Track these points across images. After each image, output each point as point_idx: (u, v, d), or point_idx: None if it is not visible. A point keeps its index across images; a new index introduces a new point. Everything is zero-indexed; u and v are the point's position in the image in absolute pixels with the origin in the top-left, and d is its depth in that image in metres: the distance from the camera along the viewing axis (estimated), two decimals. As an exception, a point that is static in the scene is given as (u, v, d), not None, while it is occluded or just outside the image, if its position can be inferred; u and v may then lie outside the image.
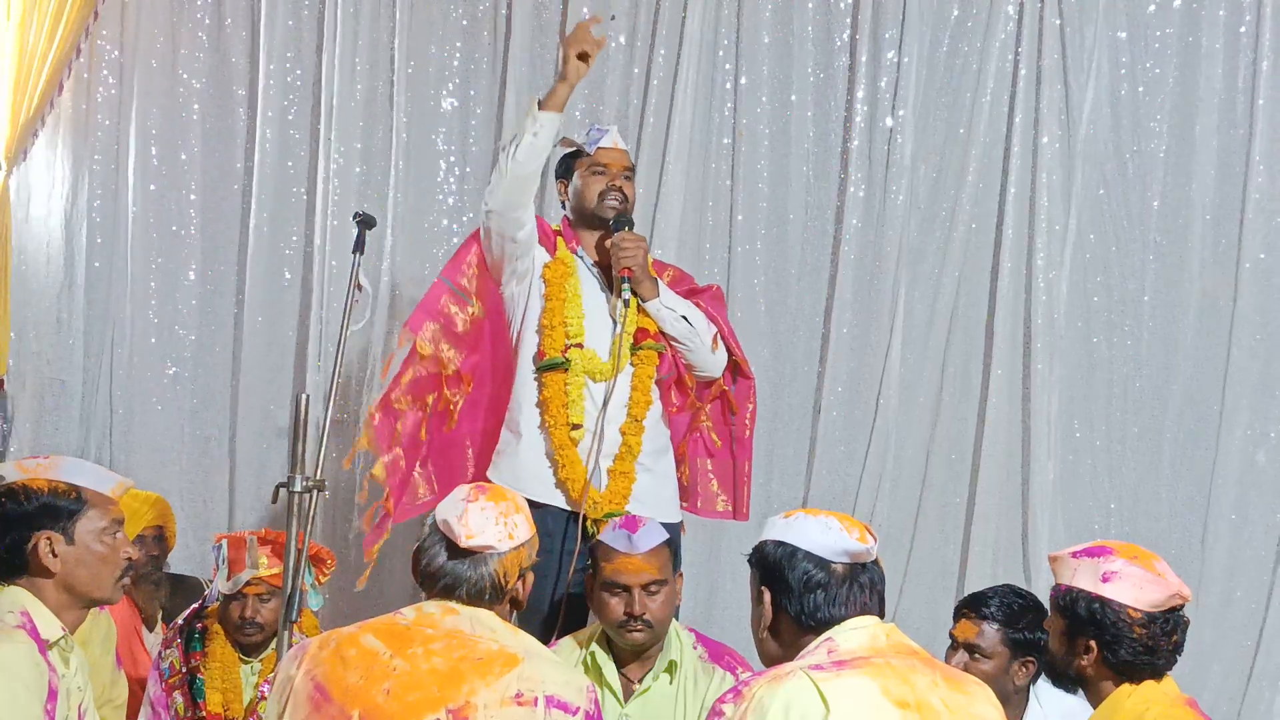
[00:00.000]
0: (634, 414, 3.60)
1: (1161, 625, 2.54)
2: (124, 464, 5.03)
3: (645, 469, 3.61)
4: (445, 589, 2.48)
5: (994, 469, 4.59)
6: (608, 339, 3.61)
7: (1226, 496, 4.51)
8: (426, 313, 3.61)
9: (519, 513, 2.57)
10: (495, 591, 2.48)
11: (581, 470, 3.54)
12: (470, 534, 2.48)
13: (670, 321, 3.63)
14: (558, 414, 3.57)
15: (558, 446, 3.57)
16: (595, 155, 3.67)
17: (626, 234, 3.59)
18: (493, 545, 2.49)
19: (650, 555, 3.21)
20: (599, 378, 3.58)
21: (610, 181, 3.65)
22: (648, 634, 3.23)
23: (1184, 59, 4.58)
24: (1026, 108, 4.62)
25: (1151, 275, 4.60)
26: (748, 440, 3.81)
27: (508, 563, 2.50)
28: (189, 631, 3.61)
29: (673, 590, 3.28)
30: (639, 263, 3.57)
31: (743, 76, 4.80)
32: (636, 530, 3.22)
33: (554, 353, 3.59)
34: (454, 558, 2.48)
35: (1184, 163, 4.58)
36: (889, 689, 2.17)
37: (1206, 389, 4.54)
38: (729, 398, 3.78)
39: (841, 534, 2.32)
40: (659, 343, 3.64)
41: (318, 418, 4.45)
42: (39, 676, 2.44)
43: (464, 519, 2.50)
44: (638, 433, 3.59)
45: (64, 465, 2.63)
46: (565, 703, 2.34)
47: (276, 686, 2.46)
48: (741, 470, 3.81)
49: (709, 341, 3.66)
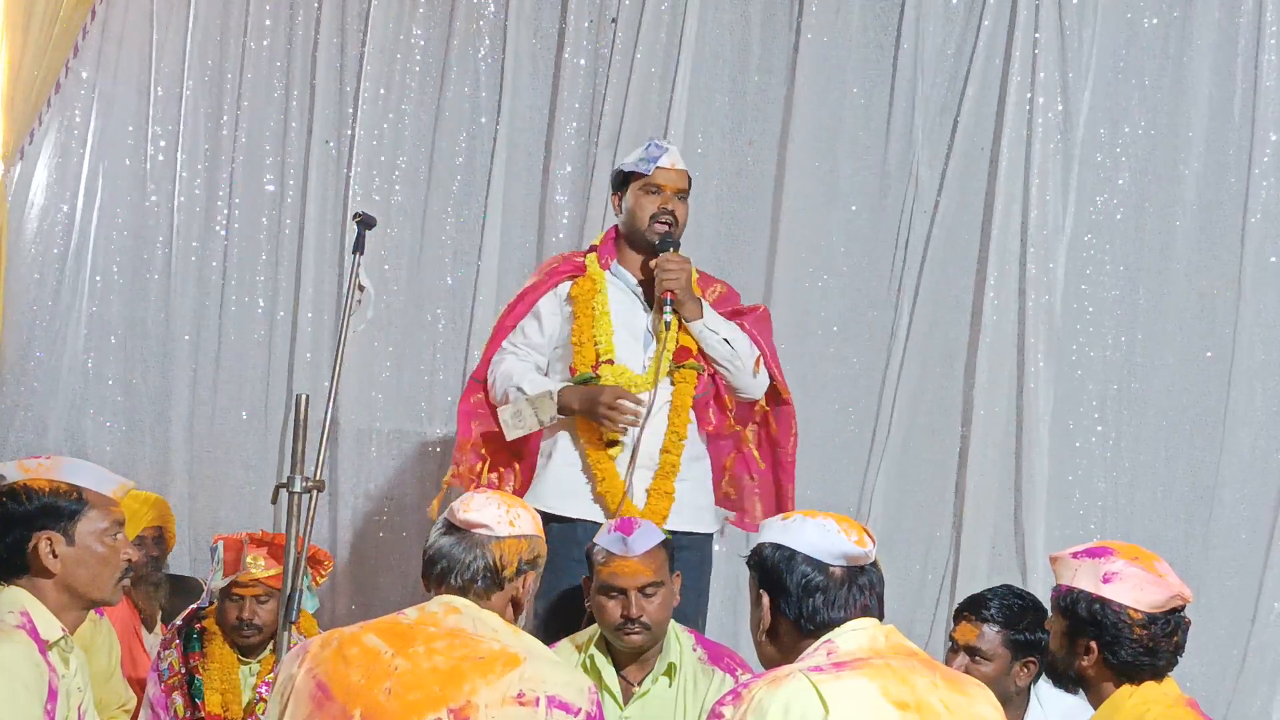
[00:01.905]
0: (675, 429, 3.58)
1: (1162, 626, 2.54)
2: (125, 464, 5.03)
3: (680, 477, 3.61)
4: (441, 574, 2.47)
5: (987, 469, 4.58)
6: (640, 355, 3.62)
7: (1221, 496, 4.50)
8: (465, 433, 3.71)
9: (526, 511, 2.57)
10: (490, 578, 2.47)
11: (619, 484, 3.54)
12: (467, 510, 2.49)
13: (713, 344, 3.62)
14: (592, 430, 3.57)
15: (594, 461, 3.57)
16: (652, 175, 3.65)
17: (670, 255, 3.59)
18: (489, 525, 2.48)
19: (646, 557, 3.19)
20: (633, 392, 3.56)
21: (663, 204, 3.64)
22: (645, 636, 3.22)
23: (1181, 57, 4.57)
24: (1021, 108, 4.62)
25: (1147, 275, 4.59)
26: (789, 465, 3.78)
27: (505, 548, 2.48)
28: (187, 632, 3.61)
29: (670, 592, 3.26)
30: (681, 284, 3.57)
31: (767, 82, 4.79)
32: (632, 533, 3.20)
33: (584, 368, 3.60)
34: (450, 535, 2.49)
35: (1183, 162, 4.57)
36: (888, 690, 2.17)
37: (1201, 389, 4.53)
38: (770, 420, 3.77)
39: (840, 536, 2.32)
40: (699, 362, 3.63)
41: (318, 418, 4.46)
42: (39, 677, 2.44)
43: (467, 501, 2.52)
44: (678, 451, 3.58)
45: (65, 465, 2.63)
46: (567, 703, 2.33)
47: (278, 685, 2.46)
48: (785, 493, 3.78)
49: (750, 365, 3.64)
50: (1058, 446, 4.56)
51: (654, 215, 3.64)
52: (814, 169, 4.77)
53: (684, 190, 3.70)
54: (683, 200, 3.69)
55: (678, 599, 3.32)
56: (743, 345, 3.65)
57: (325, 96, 5.10)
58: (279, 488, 3.21)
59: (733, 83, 4.84)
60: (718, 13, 4.83)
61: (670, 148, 3.74)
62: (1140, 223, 4.59)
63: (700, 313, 3.62)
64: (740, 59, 4.84)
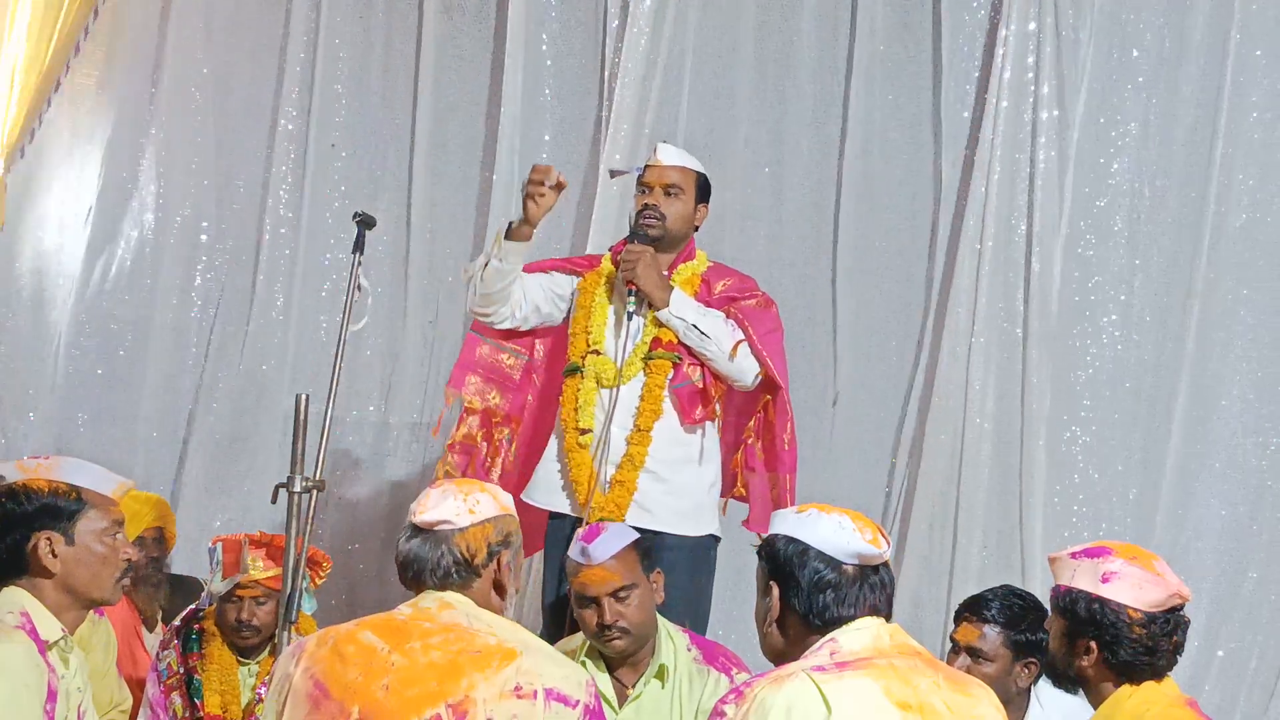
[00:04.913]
0: (639, 424, 3.60)
1: (1161, 625, 2.54)
2: (123, 464, 5.03)
3: (659, 479, 3.60)
4: (415, 576, 2.46)
5: (985, 468, 4.58)
6: (618, 346, 3.65)
7: (1221, 495, 4.51)
8: (465, 367, 3.80)
9: (485, 493, 2.53)
10: (463, 568, 2.45)
11: (586, 475, 3.56)
12: (424, 509, 2.48)
13: (682, 330, 3.63)
14: (569, 418, 3.64)
15: (568, 450, 3.62)
16: (644, 174, 3.73)
17: (631, 246, 3.63)
18: (449, 520, 2.46)
19: (613, 562, 3.17)
20: (606, 384, 3.60)
21: (647, 200, 3.69)
22: (627, 640, 3.20)
23: (1177, 56, 4.58)
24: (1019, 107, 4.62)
25: (1147, 273, 4.60)
26: (785, 454, 3.75)
27: (470, 537, 2.46)
28: (186, 632, 3.61)
29: (648, 591, 3.23)
30: (638, 274, 3.59)
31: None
32: (593, 540, 3.18)
33: (575, 358, 3.68)
34: (415, 537, 2.47)
35: (1182, 162, 4.58)
36: (891, 690, 2.17)
37: (1201, 387, 4.53)
38: (770, 410, 3.76)
39: (855, 535, 2.30)
40: (673, 351, 3.64)
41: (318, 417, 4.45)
42: (39, 677, 2.44)
43: (422, 500, 2.50)
44: (641, 442, 3.59)
45: (65, 465, 2.63)
46: (565, 695, 2.33)
47: (274, 684, 2.45)
48: (783, 485, 3.75)
49: (727, 350, 3.62)
50: (1056, 446, 4.57)
51: (639, 212, 3.70)
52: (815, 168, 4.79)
53: (673, 185, 3.71)
54: (674, 196, 3.71)
55: (661, 596, 3.29)
56: (717, 330, 3.63)
57: (323, 96, 5.10)
58: (279, 488, 3.21)
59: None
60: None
61: (664, 145, 3.78)
62: (1137, 224, 4.60)
63: (666, 301, 3.63)
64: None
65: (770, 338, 3.69)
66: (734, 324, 3.66)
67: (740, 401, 3.81)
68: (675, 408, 3.64)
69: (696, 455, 3.68)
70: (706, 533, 3.69)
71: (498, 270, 3.61)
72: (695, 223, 3.77)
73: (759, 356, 3.65)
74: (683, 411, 3.65)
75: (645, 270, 3.60)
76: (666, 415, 3.63)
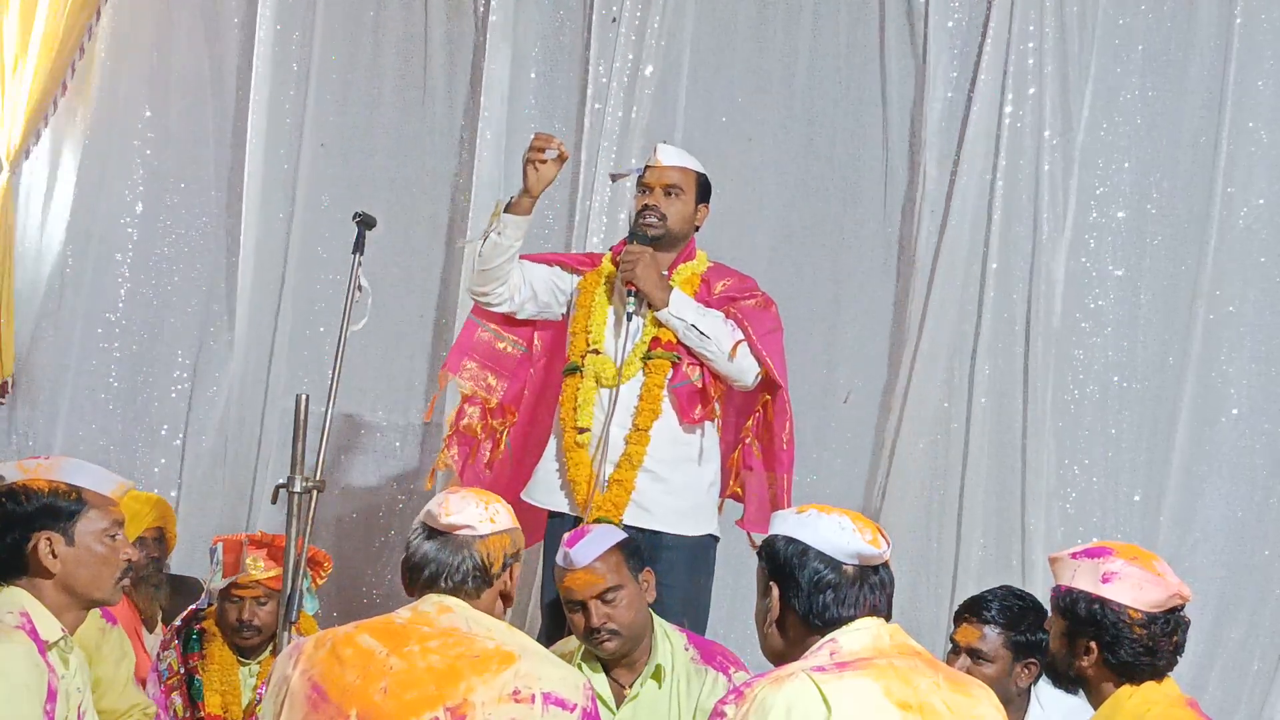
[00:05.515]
0: (638, 423, 3.61)
1: (1162, 625, 2.54)
2: (123, 464, 5.03)
3: (657, 479, 3.60)
4: (429, 579, 2.46)
5: (988, 467, 4.59)
6: (617, 346, 3.65)
7: (1227, 496, 4.51)
8: (462, 351, 3.81)
9: (502, 505, 2.56)
10: (480, 576, 2.46)
11: (585, 474, 3.57)
12: (447, 512, 2.48)
13: (681, 331, 3.63)
14: (567, 417, 3.64)
15: (566, 449, 3.63)
16: (644, 175, 3.74)
17: (630, 247, 3.64)
18: (472, 525, 2.47)
19: (596, 565, 3.14)
20: (606, 383, 3.61)
21: (646, 200, 3.71)
22: (618, 641, 3.17)
23: (1180, 57, 4.58)
24: (1021, 108, 4.62)
25: (1149, 275, 4.60)
26: (783, 454, 3.74)
27: (490, 545, 2.48)
28: (187, 633, 3.61)
29: (637, 591, 3.20)
30: (637, 275, 3.60)
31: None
32: (575, 544, 3.17)
33: (574, 358, 3.69)
34: (432, 540, 2.48)
35: (1183, 163, 4.57)
36: (891, 690, 2.17)
37: (1207, 388, 4.53)
38: (769, 410, 3.75)
39: (855, 535, 2.31)
40: (672, 351, 3.64)
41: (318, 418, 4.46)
42: (39, 677, 2.44)
43: (444, 503, 2.50)
44: (640, 441, 3.60)
45: (65, 466, 2.63)
46: (563, 699, 2.33)
47: (272, 686, 2.45)
48: (780, 485, 3.74)
49: (727, 350, 3.62)
50: (1058, 447, 4.57)
51: (639, 212, 3.71)
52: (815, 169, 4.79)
53: (673, 185, 3.71)
54: (674, 196, 3.71)
55: (653, 595, 3.27)
56: (717, 330, 3.63)
57: (320, 95, 5.10)
58: (279, 488, 3.21)
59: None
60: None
61: (664, 145, 3.79)
62: (1140, 225, 4.60)
63: (665, 301, 3.63)
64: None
65: (770, 337, 3.68)
66: (734, 324, 3.66)
67: (740, 401, 3.80)
68: (674, 407, 3.64)
69: (696, 455, 3.68)
70: (705, 532, 3.70)
71: (496, 245, 3.63)
72: (695, 223, 3.78)
73: (758, 356, 3.65)
74: (682, 411, 3.65)
75: (645, 270, 3.61)
76: (666, 415, 3.63)
